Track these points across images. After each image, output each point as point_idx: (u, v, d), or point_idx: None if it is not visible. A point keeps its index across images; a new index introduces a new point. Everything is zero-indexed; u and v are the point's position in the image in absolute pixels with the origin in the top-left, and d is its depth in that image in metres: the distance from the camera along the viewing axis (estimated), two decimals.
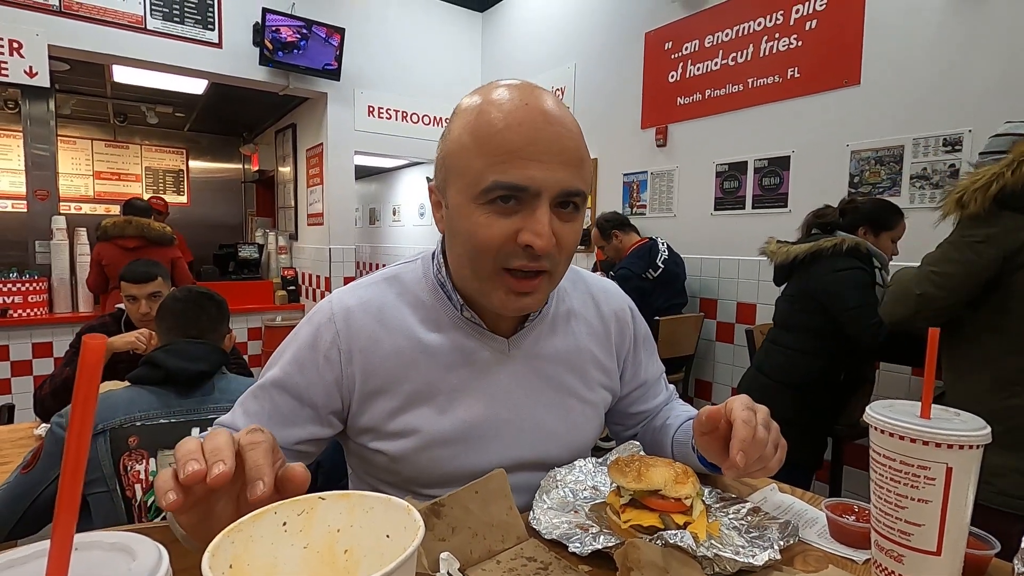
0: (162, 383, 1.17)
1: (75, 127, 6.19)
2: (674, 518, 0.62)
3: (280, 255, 5.21)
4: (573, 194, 0.65)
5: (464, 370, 0.74)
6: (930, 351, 0.57)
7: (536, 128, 0.63)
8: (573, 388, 0.81)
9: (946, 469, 0.51)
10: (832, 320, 1.80)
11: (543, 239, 0.62)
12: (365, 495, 0.38)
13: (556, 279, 0.70)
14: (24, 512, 1.06)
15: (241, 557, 0.34)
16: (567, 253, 0.68)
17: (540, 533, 0.65)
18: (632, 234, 3.09)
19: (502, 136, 0.63)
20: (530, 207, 0.63)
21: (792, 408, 1.85)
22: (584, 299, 0.86)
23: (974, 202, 1.29)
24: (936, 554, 0.52)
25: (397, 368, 0.72)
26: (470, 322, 0.75)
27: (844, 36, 2.53)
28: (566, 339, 0.81)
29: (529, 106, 0.64)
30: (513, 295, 0.67)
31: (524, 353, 0.77)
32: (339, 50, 4.04)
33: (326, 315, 0.73)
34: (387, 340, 0.73)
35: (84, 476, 0.26)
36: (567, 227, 0.66)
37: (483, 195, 0.63)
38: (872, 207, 1.96)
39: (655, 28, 3.39)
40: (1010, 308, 1.29)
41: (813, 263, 1.84)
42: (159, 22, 3.54)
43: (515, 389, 0.76)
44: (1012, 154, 1.27)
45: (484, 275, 0.67)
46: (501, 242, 0.64)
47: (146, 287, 1.94)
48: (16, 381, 3.32)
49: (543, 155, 0.62)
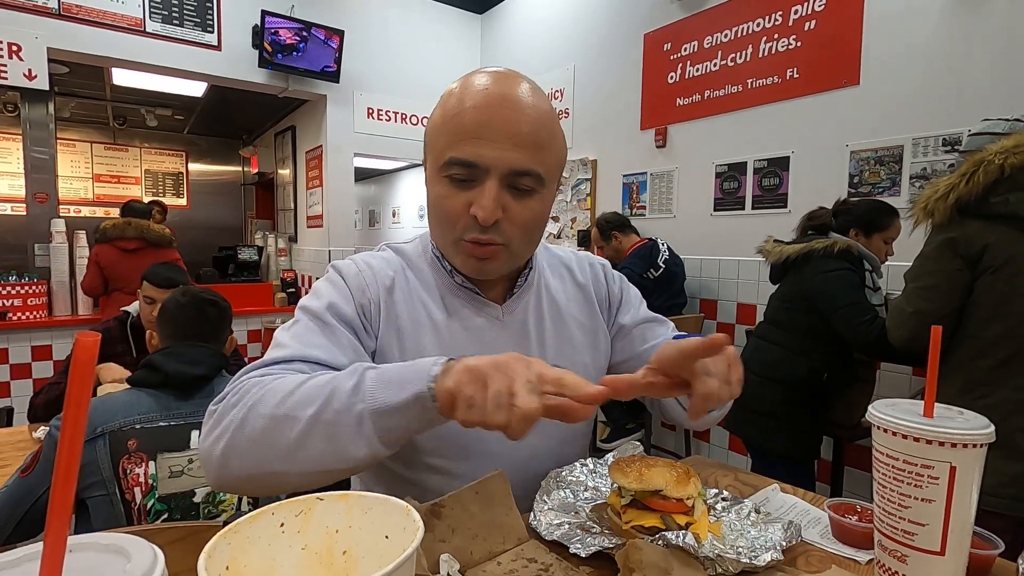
0: (161, 386, 1.17)
1: (74, 130, 6.19)
2: (675, 519, 0.62)
3: (280, 257, 5.21)
4: (523, 173, 0.70)
5: (462, 335, 0.79)
6: (932, 349, 0.57)
7: (491, 111, 0.69)
8: (561, 350, 0.85)
9: (950, 468, 0.51)
10: (822, 320, 1.81)
11: (485, 211, 0.68)
12: (363, 495, 0.37)
13: (516, 253, 0.76)
14: (23, 516, 1.06)
15: (238, 559, 0.33)
16: (523, 229, 0.73)
17: (541, 534, 0.65)
18: (632, 235, 3.09)
19: (460, 117, 0.69)
20: (480, 183, 0.70)
21: (779, 403, 1.87)
22: (560, 271, 0.91)
23: (937, 211, 1.33)
24: (940, 554, 0.52)
25: (410, 322, 0.77)
26: (463, 287, 0.80)
27: (843, 36, 2.52)
28: (552, 307, 0.86)
29: (489, 90, 0.70)
30: (472, 259, 0.74)
31: (516, 319, 0.82)
32: (338, 52, 4.05)
33: (353, 268, 0.78)
34: (402, 295, 0.78)
35: (82, 478, 0.25)
36: (520, 205, 0.71)
37: (443, 169, 0.71)
38: (864, 209, 1.96)
39: (654, 29, 3.39)
40: (976, 313, 1.31)
41: (805, 264, 1.85)
42: (158, 24, 3.54)
43: (506, 351, 0.77)
44: (966, 164, 1.30)
45: (448, 241, 0.75)
46: (458, 212, 0.71)
47: (166, 293, 1.93)
48: (15, 384, 3.31)
49: (494, 136, 0.68)
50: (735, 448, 3.07)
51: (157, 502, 1.09)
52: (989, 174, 1.25)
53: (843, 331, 1.75)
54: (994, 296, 1.27)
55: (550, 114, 0.73)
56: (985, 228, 1.28)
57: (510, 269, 0.79)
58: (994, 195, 1.26)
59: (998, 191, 1.26)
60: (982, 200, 1.27)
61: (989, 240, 1.26)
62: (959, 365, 1.34)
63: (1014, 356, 1.26)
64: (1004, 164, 1.24)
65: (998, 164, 1.24)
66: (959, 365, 1.34)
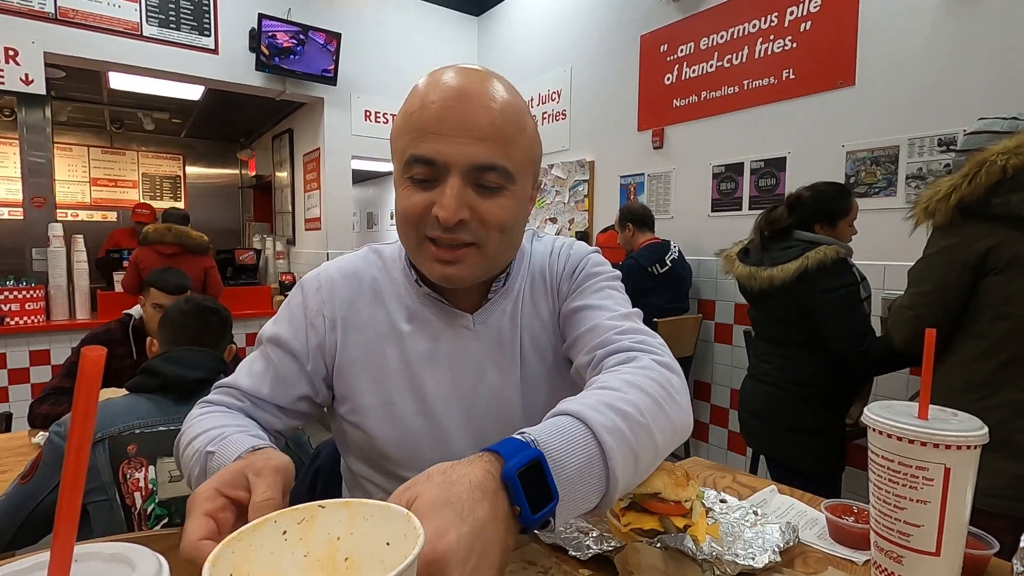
0: (160, 391, 1.17)
1: (72, 134, 6.18)
2: (674, 521, 0.62)
3: (278, 260, 5.21)
4: (486, 168, 0.66)
5: (428, 345, 0.76)
6: (927, 352, 0.57)
7: (447, 106, 0.65)
8: (533, 359, 0.79)
9: (944, 470, 0.51)
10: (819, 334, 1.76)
11: (447, 211, 0.64)
12: (365, 503, 0.38)
13: (491, 255, 0.70)
14: (23, 522, 1.06)
15: (241, 567, 0.34)
16: (494, 228, 0.68)
17: (540, 537, 0.65)
18: (647, 232, 3.04)
19: (418, 114, 0.66)
20: (442, 182, 0.66)
21: (821, 417, 1.81)
22: (537, 269, 0.83)
23: (939, 212, 1.31)
24: (935, 554, 0.52)
25: (372, 339, 0.76)
26: (430, 297, 0.77)
27: (838, 37, 2.54)
28: (529, 312, 0.80)
29: (449, 85, 0.66)
30: (438, 263, 0.69)
31: (488, 328, 0.78)
32: (335, 55, 4.05)
33: (314, 284, 0.79)
34: (366, 311, 0.77)
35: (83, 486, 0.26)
36: (488, 203, 0.67)
37: (405, 170, 0.68)
38: (821, 199, 1.85)
39: (650, 31, 3.40)
40: (981, 313, 1.31)
41: (799, 283, 1.73)
42: (155, 29, 3.54)
43: (477, 363, 0.77)
44: (968, 165, 1.29)
45: (412, 245, 0.71)
46: (419, 213, 0.67)
47: (174, 298, 1.94)
48: (13, 389, 3.30)
49: (452, 131, 0.65)
50: (734, 448, 3.08)
51: (157, 507, 1.10)
52: (991, 175, 1.24)
53: (840, 353, 1.72)
54: (998, 297, 1.27)
55: (516, 107, 0.69)
56: (987, 229, 1.27)
57: (486, 275, 0.74)
58: (996, 196, 1.25)
59: (1000, 192, 1.25)
60: (984, 201, 1.26)
61: (991, 242, 1.26)
62: (962, 365, 1.33)
63: (1018, 357, 1.25)
64: (1007, 165, 1.23)
65: (1000, 165, 1.24)
66: (962, 365, 1.33)
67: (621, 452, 0.51)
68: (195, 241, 3.41)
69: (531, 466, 0.46)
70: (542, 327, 0.80)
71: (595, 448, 0.50)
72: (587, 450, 0.49)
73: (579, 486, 0.48)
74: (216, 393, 0.75)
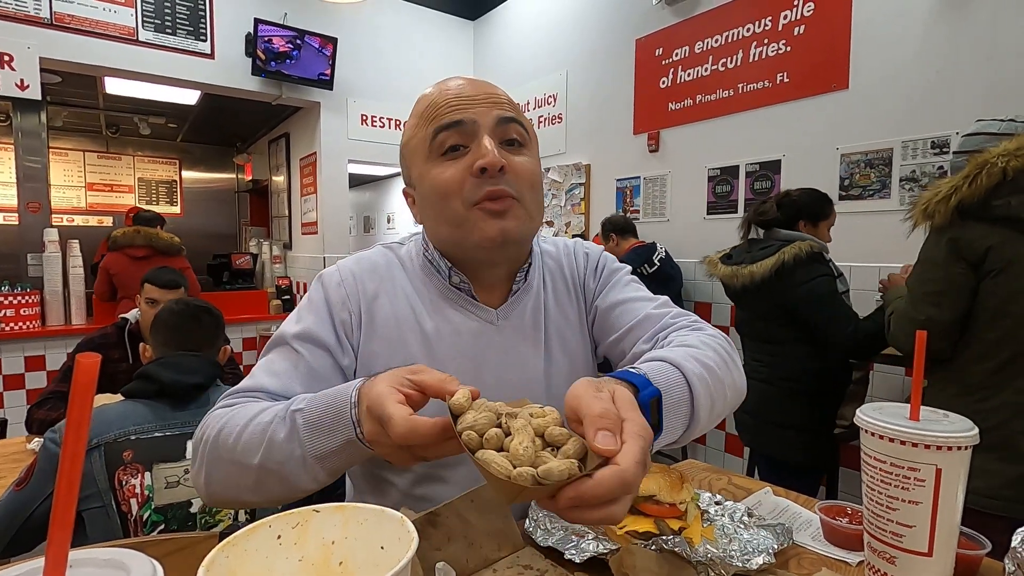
0: (156, 396, 1.17)
1: (67, 139, 6.16)
2: (669, 523, 0.63)
3: (274, 264, 5.20)
4: (510, 120, 0.72)
5: (452, 341, 0.76)
6: (918, 354, 0.58)
7: (462, 86, 0.73)
8: (559, 354, 0.81)
9: (935, 470, 0.52)
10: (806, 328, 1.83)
11: (490, 156, 0.68)
12: (359, 507, 0.38)
13: (528, 210, 0.73)
14: (18, 529, 1.05)
15: (236, 572, 0.34)
16: (528, 182, 0.72)
17: (536, 540, 0.65)
18: (630, 239, 3.09)
19: (434, 100, 0.73)
20: (475, 141, 0.70)
21: (810, 415, 1.87)
22: (554, 266, 0.87)
23: (938, 213, 1.32)
24: (927, 555, 0.53)
25: (395, 333, 0.76)
26: (458, 291, 0.78)
27: (832, 41, 2.55)
28: (553, 308, 0.83)
29: (456, 80, 0.74)
30: (491, 219, 0.70)
31: (512, 324, 0.79)
32: (332, 59, 4.05)
33: (335, 279, 0.77)
34: (388, 305, 0.77)
35: (79, 493, 0.26)
36: (518, 159, 0.72)
37: (434, 150, 0.72)
38: (809, 199, 1.96)
39: (646, 35, 3.41)
40: (979, 316, 1.31)
41: (778, 279, 1.82)
42: (151, 33, 3.54)
43: (501, 359, 0.78)
44: (969, 166, 1.29)
45: (459, 218, 0.71)
46: (461, 180, 0.70)
47: (168, 294, 1.95)
48: (9, 395, 3.28)
49: (472, 98, 0.71)
50: (730, 450, 3.08)
51: (153, 513, 1.09)
52: (992, 177, 1.25)
53: (827, 340, 1.77)
54: (996, 299, 1.27)
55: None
56: (986, 231, 1.27)
57: (528, 236, 0.76)
58: (996, 198, 1.26)
59: (1000, 194, 1.25)
60: (984, 203, 1.27)
61: (991, 243, 1.26)
62: (960, 367, 1.33)
63: (1015, 359, 1.25)
64: (1007, 167, 1.24)
65: (1000, 167, 1.24)
66: (960, 367, 1.33)
67: (705, 398, 0.58)
68: (166, 243, 3.31)
69: (654, 400, 0.52)
70: (567, 323, 0.84)
71: (687, 392, 0.57)
72: (681, 392, 0.57)
73: (672, 421, 0.55)
74: (232, 399, 0.68)
